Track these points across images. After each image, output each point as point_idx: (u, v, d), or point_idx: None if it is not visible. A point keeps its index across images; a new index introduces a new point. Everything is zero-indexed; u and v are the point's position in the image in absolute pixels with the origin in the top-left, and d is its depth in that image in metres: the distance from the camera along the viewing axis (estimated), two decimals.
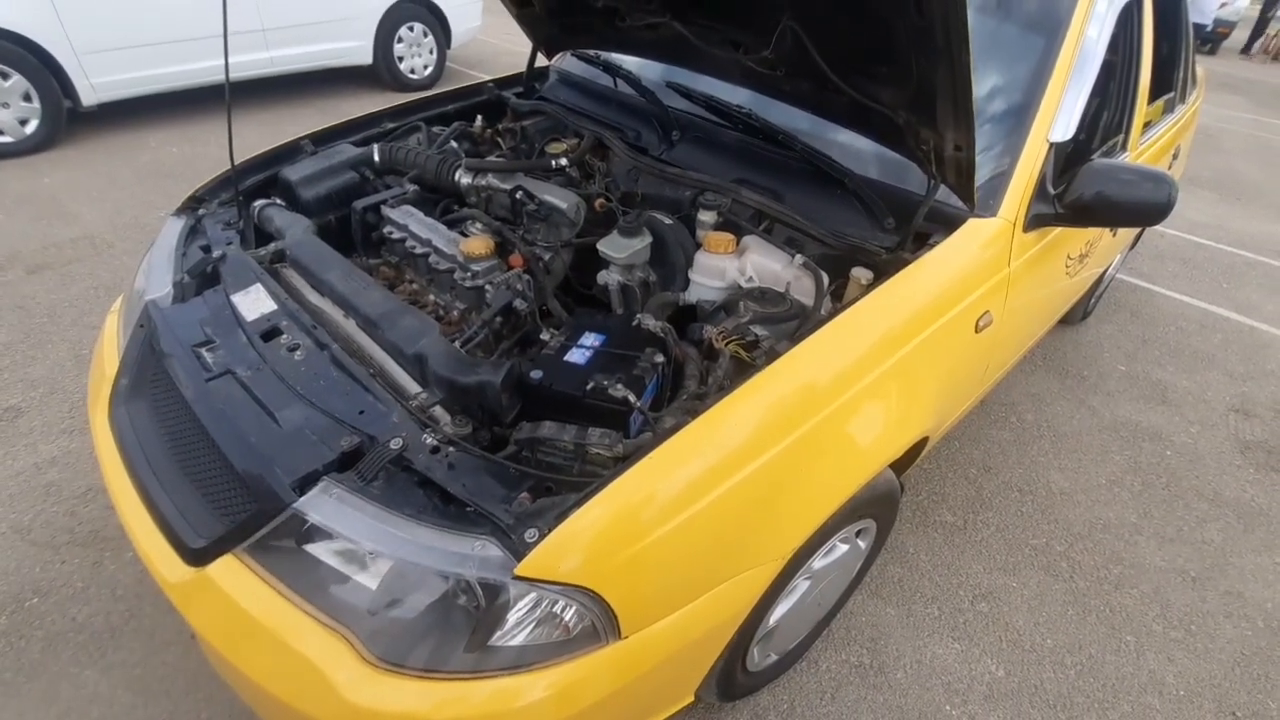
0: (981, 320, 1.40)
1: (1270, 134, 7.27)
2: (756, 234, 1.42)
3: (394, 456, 0.96)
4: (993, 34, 1.63)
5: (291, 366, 1.12)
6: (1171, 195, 1.40)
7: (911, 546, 1.96)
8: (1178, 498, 2.26)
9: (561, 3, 1.68)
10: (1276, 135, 7.25)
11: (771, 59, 1.31)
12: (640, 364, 1.11)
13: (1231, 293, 3.63)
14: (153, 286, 1.35)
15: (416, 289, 1.46)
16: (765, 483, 1.04)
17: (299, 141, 1.71)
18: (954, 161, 1.24)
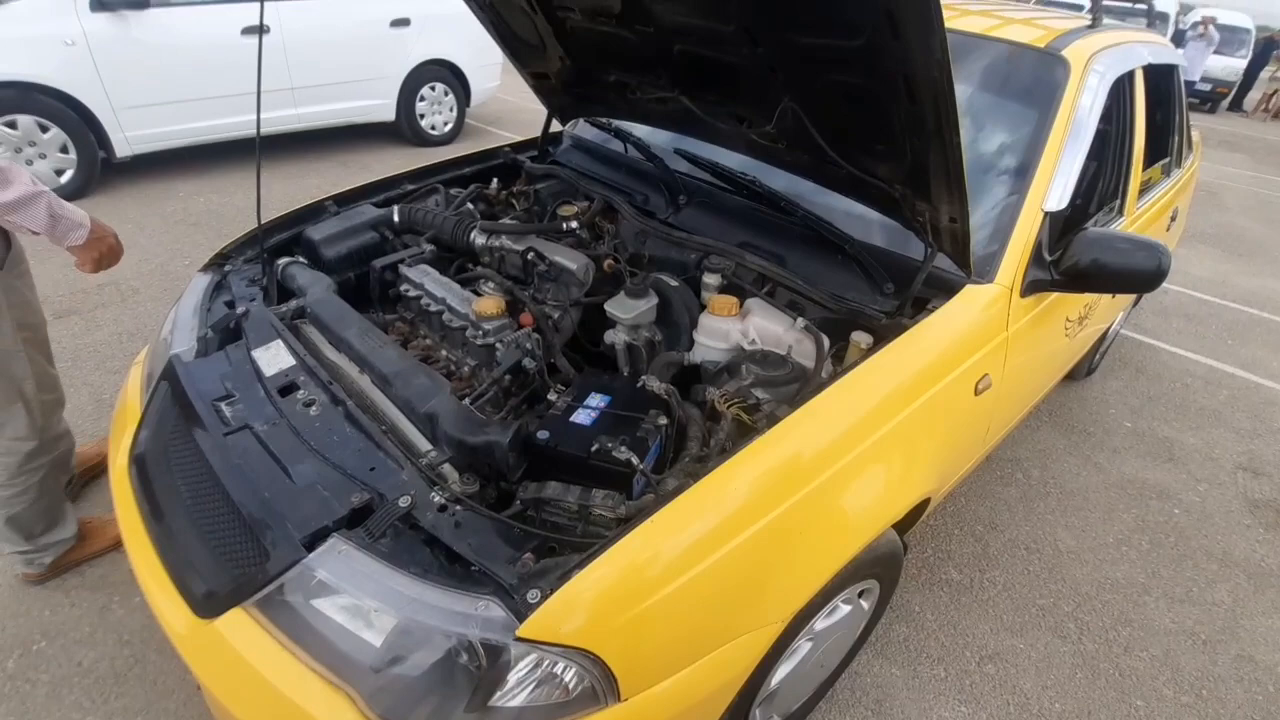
0: (981, 383, 1.43)
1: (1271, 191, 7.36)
2: (760, 297, 1.47)
3: (402, 514, 0.99)
4: (989, 108, 1.70)
5: (307, 421, 1.16)
6: (1163, 264, 1.44)
7: (917, 605, 1.94)
8: (1186, 557, 2.23)
9: (576, 76, 1.77)
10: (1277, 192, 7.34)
11: (773, 133, 1.38)
12: (644, 426, 1.14)
13: (1237, 349, 3.64)
14: (178, 341, 1.40)
15: (430, 345, 1.51)
16: (766, 545, 1.05)
17: (323, 202, 1.79)
18: (950, 232, 1.29)
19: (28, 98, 3.54)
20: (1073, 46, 1.68)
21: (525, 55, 1.83)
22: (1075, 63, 1.64)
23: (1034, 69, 1.68)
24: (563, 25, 1.59)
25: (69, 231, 1.35)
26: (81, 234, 1.37)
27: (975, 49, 1.76)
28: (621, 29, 1.42)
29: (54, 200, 1.32)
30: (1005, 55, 1.72)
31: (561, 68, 1.77)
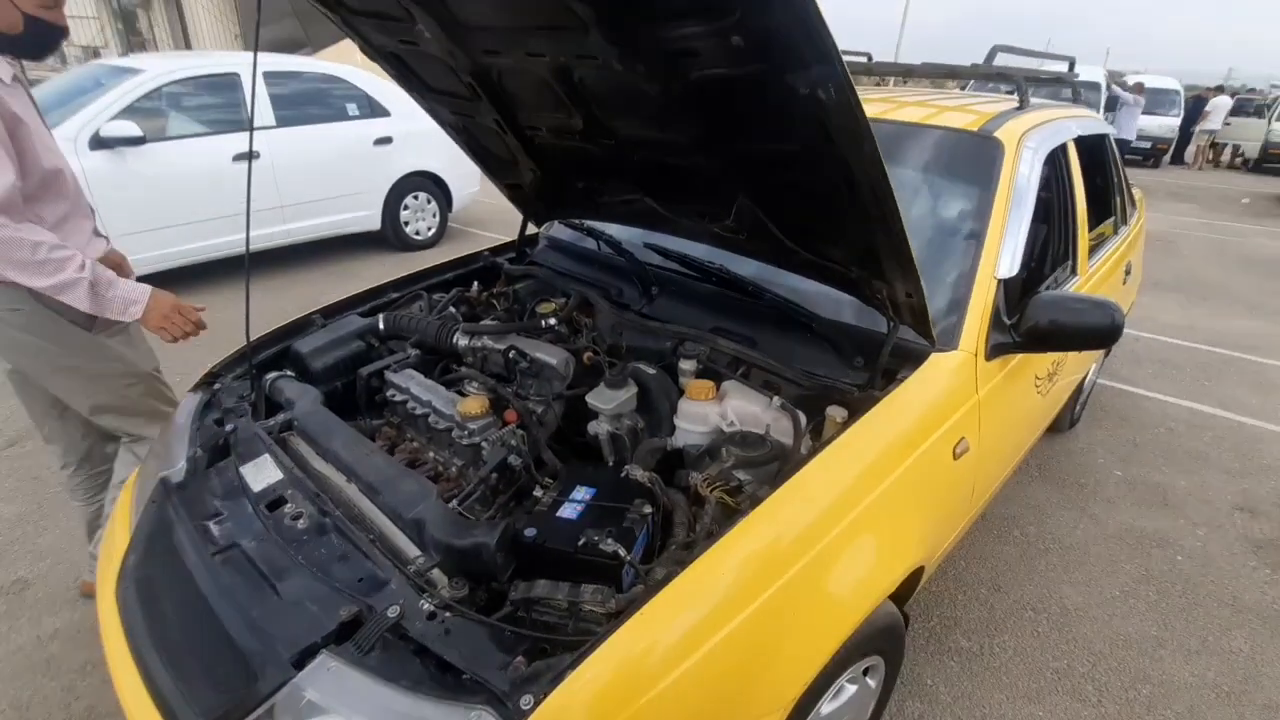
0: (958, 448, 1.47)
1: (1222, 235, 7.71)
2: (735, 379, 1.52)
3: (391, 625, 0.98)
4: (936, 188, 1.83)
5: (295, 535, 1.17)
6: (1116, 319, 1.51)
7: (929, 678, 1.89)
8: (1196, 605, 2.20)
9: (547, 185, 1.89)
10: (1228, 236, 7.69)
11: (734, 226, 1.47)
12: (630, 515, 1.15)
13: (1214, 390, 3.71)
14: (167, 462, 1.42)
15: (417, 448, 1.53)
16: (759, 630, 1.05)
17: (310, 316, 1.86)
18: (908, 306, 1.36)
19: None
20: (1004, 128, 1.83)
21: (498, 169, 1.96)
22: (1008, 142, 1.78)
23: (972, 151, 1.81)
24: (531, 142, 1.72)
25: (124, 309, 1.53)
26: (136, 309, 1.54)
27: (917, 137, 1.90)
28: (585, 143, 1.54)
29: (101, 282, 1.50)
30: (945, 141, 1.87)
31: (533, 178, 1.89)
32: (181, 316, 1.59)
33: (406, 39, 1.52)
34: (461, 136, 1.89)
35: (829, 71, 0.92)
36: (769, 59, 0.97)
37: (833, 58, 0.90)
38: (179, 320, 1.57)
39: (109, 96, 3.96)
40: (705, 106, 1.17)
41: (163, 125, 4.20)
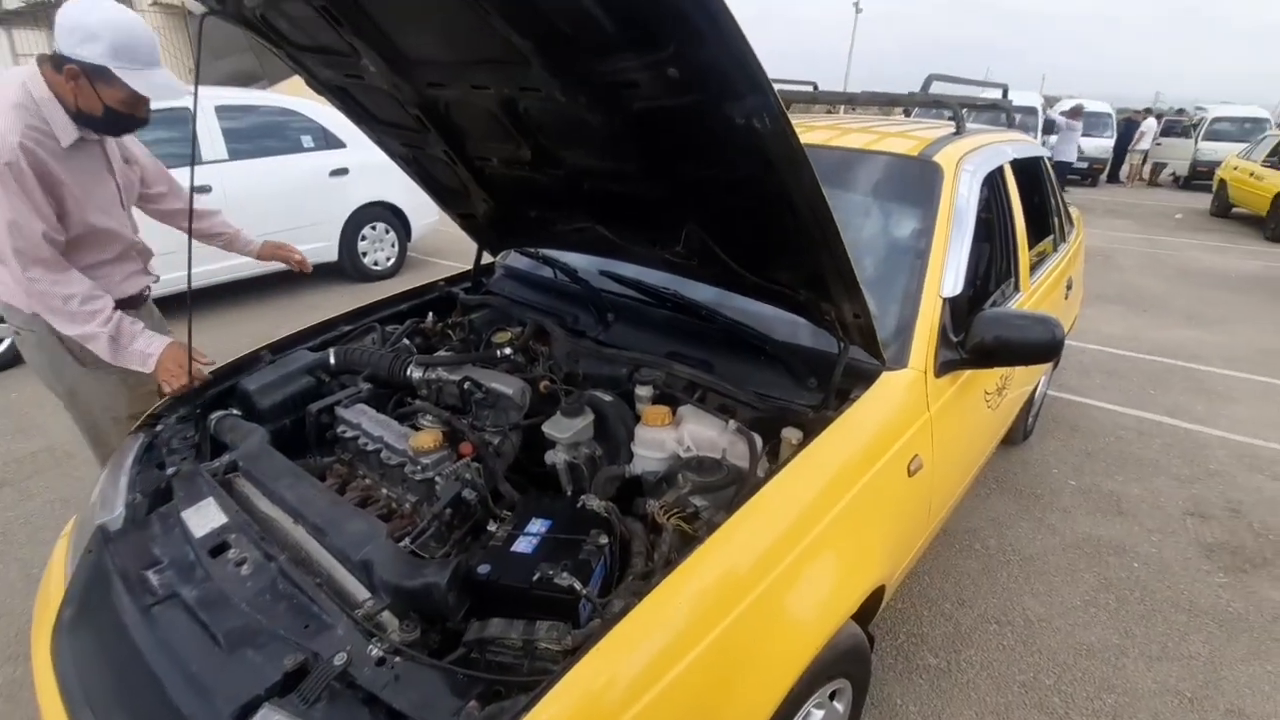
0: (912, 464, 1.48)
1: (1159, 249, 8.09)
2: (691, 404, 1.52)
3: (338, 673, 0.94)
4: (880, 211, 1.88)
5: (238, 582, 1.12)
6: (1057, 335, 1.56)
7: (898, 698, 1.89)
8: (1155, 612, 2.25)
9: (500, 214, 1.90)
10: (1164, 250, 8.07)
11: (684, 252, 1.49)
12: (586, 547, 1.13)
13: (1159, 398, 3.85)
14: (104, 509, 1.35)
15: (369, 485, 1.49)
16: (721, 658, 1.03)
17: (258, 352, 1.81)
18: (856, 326, 1.38)
19: None
20: (943, 152, 1.90)
21: (451, 199, 1.96)
22: (947, 166, 1.85)
23: (913, 175, 1.87)
24: (482, 172, 1.72)
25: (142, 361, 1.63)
26: (151, 362, 1.63)
27: (861, 162, 1.96)
28: (535, 173, 1.55)
29: (124, 335, 1.62)
30: (885, 166, 1.93)
31: (485, 208, 1.89)
32: (181, 369, 1.60)
33: (352, 73, 1.52)
34: (412, 168, 1.89)
35: (762, 101, 0.94)
36: (706, 90, 0.99)
37: (765, 88, 0.92)
38: (178, 373, 1.58)
39: None
40: (648, 136, 1.19)
41: None
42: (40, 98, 1.53)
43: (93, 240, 1.69)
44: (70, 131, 1.57)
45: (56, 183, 1.56)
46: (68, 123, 1.57)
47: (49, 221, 1.54)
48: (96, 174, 1.69)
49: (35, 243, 1.52)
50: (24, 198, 1.48)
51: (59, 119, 1.55)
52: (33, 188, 1.50)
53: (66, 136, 1.57)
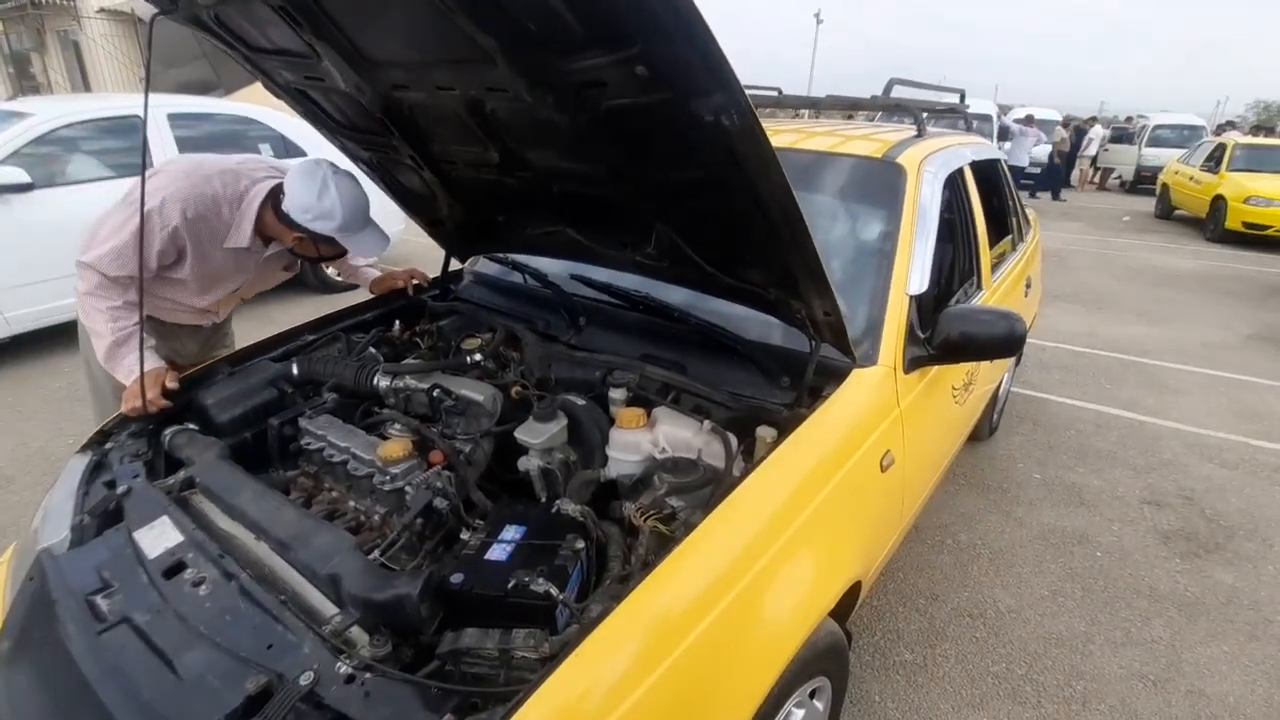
0: (885, 460, 1.50)
1: (1110, 250, 8.40)
2: (665, 405, 1.51)
3: (304, 694, 0.90)
4: (846, 212, 1.90)
5: (195, 604, 1.07)
6: (1018, 329, 1.60)
7: (876, 694, 1.90)
8: (1118, 599, 2.31)
9: (468, 219, 1.87)
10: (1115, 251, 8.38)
11: (655, 254, 1.48)
12: (562, 553, 1.11)
13: (1115, 392, 3.98)
14: (47, 533, 1.28)
15: (336, 498, 1.45)
16: (702, 657, 1.02)
17: (217, 364, 1.74)
18: (827, 324, 1.39)
19: None
20: (905, 154, 1.93)
21: (417, 205, 1.92)
22: (910, 167, 1.88)
23: (877, 176, 1.90)
24: (449, 176, 1.69)
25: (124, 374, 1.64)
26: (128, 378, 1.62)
27: (827, 165, 1.99)
28: (503, 176, 1.53)
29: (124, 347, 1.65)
30: (851, 167, 1.96)
31: (452, 213, 1.86)
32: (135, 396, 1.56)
33: (312, 75, 1.48)
34: (377, 173, 1.85)
35: (730, 99, 0.94)
36: (674, 87, 0.99)
37: (732, 85, 0.92)
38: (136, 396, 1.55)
39: None
40: (616, 136, 1.18)
41: (55, 171, 3.94)
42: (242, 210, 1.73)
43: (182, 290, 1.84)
44: (242, 242, 1.76)
45: (186, 252, 1.74)
46: (246, 237, 1.75)
47: (146, 268, 1.64)
48: (232, 269, 1.85)
49: (116, 274, 1.66)
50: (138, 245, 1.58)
51: (242, 232, 1.74)
52: (155, 246, 1.66)
53: (233, 243, 1.76)
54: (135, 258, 1.62)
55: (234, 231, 1.74)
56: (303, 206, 1.66)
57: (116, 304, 1.67)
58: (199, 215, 1.69)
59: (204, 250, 1.75)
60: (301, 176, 1.66)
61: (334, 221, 1.66)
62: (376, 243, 1.78)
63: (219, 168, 1.74)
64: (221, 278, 1.86)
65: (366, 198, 1.74)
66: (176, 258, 1.74)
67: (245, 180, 1.74)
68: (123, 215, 1.66)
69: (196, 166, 1.73)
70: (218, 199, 1.71)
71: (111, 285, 1.67)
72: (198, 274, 1.79)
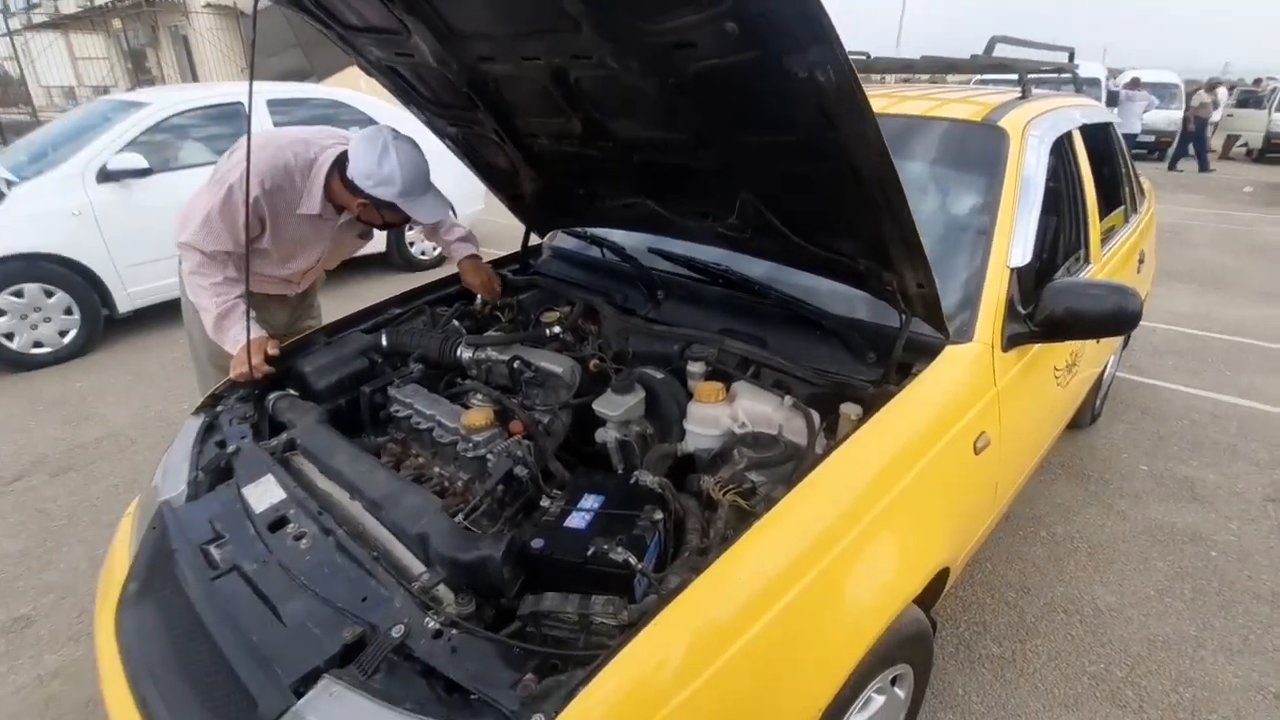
0: (979, 441, 1.41)
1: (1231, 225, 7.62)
2: (745, 380, 1.48)
3: (395, 645, 0.94)
4: (943, 180, 1.79)
5: (297, 556, 1.14)
6: (1134, 305, 1.47)
7: (960, 687, 1.82)
8: (1234, 603, 2.12)
9: (548, 193, 1.88)
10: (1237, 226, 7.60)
11: (737, 224, 1.44)
12: (640, 523, 1.11)
13: (1235, 379, 3.62)
14: (167, 487, 1.39)
15: (423, 463, 1.50)
16: (781, 635, 1.00)
17: (313, 334, 1.84)
18: (920, 297, 1.32)
19: (34, 266, 3.72)
20: (1008, 117, 1.80)
21: (500, 180, 1.95)
22: (1013, 131, 1.75)
23: (977, 141, 1.78)
24: (531, 150, 1.70)
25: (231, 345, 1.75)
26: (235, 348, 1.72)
27: (921, 130, 1.87)
28: (585, 148, 1.52)
29: (230, 318, 1.74)
30: (948, 132, 1.83)
31: (534, 187, 1.87)
32: (241, 363, 1.67)
33: (402, 51, 1.51)
34: (462, 149, 1.88)
35: (826, 52, 0.89)
36: (765, 44, 0.95)
37: (830, 38, 0.87)
38: (244, 363, 1.65)
39: (115, 131, 4.01)
40: (703, 100, 1.14)
41: (169, 157, 4.25)
42: (312, 177, 1.77)
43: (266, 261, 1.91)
44: (314, 209, 1.80)
45: (266, 222, 1.80)
46: (317, 204, 1.79)
47: (235, 241, 1.74)
48: (311, 236, 1.91)
49: (213, 250, 1.75)
50: (229, 217, 1.69)
51: (313, 199, 1.79)
52: (239, 219, 1.70)
53: (306, 210, 1.81)
54: (227, 233, 1.71)
55: (306, 198, 1.79)
56: (364, 173, 1.67)
57: (218, 280, 1.76)
58: (275, 186, 1.74)
59: (281, 219, 1.80)
60: (363, 143, 1.68)
61: (394, 187, 1.67)
62: (437, 208, 1.78)
63: (290, 138, 1.78)
64: (299, 246, 1.92)
65: (426, 163, 1.73)
66: (260, 229, 1.80)
67: (315, 148, 1.77)
68: (212, 193, 1.74)
69: (270, 139, 1.78)
70: (290, 168, 1.75)
71: (211, 262, 1.75)
72: (277, 242, 1.85)
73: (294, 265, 1.98)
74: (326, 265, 2.12)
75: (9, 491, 2.70)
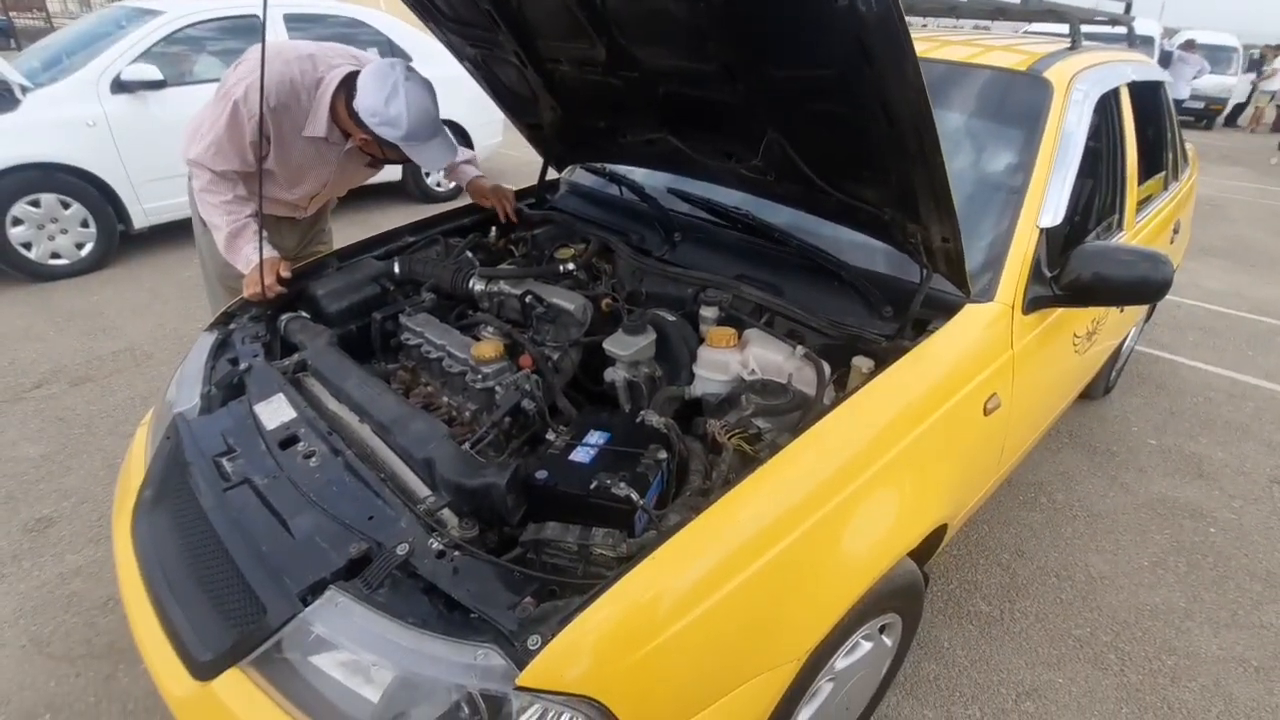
0: (989, 403, 1.40)
1: (1274, 201, 7.34)
2: (758, 327, 1.46)
3: (400, 562, 0.97)
4: (977, 131, 1.72)
5: (306, 473, 1.16)
6: (1165, 274, 1.43)
7: (946, 640, 1.86)
8: (1227, 579, 2.13)
9: (568, 124, 1.82)
10: None
11: (761, 166, 1.40)
12: (644, 461, 1.12)
13: (1258, 360, 3.56)
14: (181, 399, 1.41)
15: (431, 391, 1.51)
16: (775, 578, 1.02)
17: (325, 258, 1.83)
18: (943, 252, 1.29)
19: (50, 177, 3.70)
20: (1054, 68, 1.71)
21: (519, 108, 1.89)
22: (1058, 84, 1.66)
23: (1018, 92, 1.70)
24: (552, 77, 1.64)
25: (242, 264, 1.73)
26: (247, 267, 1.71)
27: (959, 76, 1.78)
28: (608, 76, 1.47)
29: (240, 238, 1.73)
30: (989, 81, 1.75)
31: (553, 117, 1.82)
32: (254, 283, 1.66)
33: None
34: (481, 72, 1.82)
35: None
36: None
37: None
38: (257, 283, 1.65)
39: (129, 39, 3.91)
40: (736, 27, 1.09)
41: (184, 70, 4.15)
42: (318, 97, 1.71)
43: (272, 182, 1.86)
44: (319, 131, 1.74)
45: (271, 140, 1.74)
46: (322, 125, 1.73)
47: (243, 160, 1.71)
48: (317, 159, 1.85)
49: (222, 169, 1.72)
50: (236, 135, 1.66)
51: (319, 120, 1.73)
52: (246, 137, 1.68)
53: (311, 131, 1.75)
54: (234, 153, 1.66)
55: (311, 119, 1.73)
56: (370, 109, 1.61)
57: (228, 198, 1.73)
58: (281, 103, 1.68)
59: (286, 139, 1.75)
60: (373, 77, 1.61)
61: (398, 130, 1.61)
62: (442, 154, 1.74)
63: (297, 53, 1.71)
64: (305, 170, 1.86)
65: (436, 107, 1.67)
66: (265, 147, 1.74)
67: (323, 66, 1.71)
68: (217, 109, 1.68)
69: (277, 51, 1.67)
70: (296, 85, 1.68)
71: (220, 180, 1.72)
72: (283, 164, 1.80)
73: (300, 190, 1.93)
74: (335, 192, 2.08)
75: (30, 397, 2.76)
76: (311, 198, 2.01)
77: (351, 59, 1.75)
